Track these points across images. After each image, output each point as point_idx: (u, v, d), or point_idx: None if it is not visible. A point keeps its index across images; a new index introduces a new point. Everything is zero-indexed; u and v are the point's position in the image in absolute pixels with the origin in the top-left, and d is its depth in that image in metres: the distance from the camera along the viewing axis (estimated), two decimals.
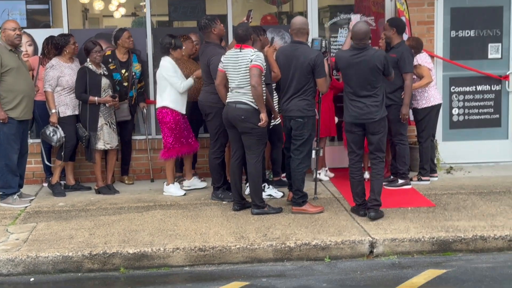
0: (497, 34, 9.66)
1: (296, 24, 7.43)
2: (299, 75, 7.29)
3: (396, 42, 8.37)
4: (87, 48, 8.41)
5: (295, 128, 7.38)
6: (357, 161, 7.29)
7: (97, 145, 8.42)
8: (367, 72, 7.02)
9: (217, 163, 8.08)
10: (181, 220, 7.37)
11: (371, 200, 7.18)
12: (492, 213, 7.33)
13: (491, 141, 9.79)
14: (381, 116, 7.09)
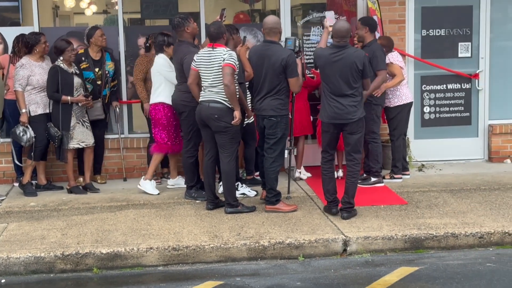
0: (467, 33, 9.77)
1: (268, 23, 7.43)
2: (271, 74, 7.30)
3: (368, 40, 8.42)
4: (60, 47, 8.30)
5: (268, 127, 7.39)
6: (329, 160, 7.29)
7: (70, 144, 8.33)
8: (347, 71, 6.96)
9: (190, 162, 8.06)
10: (154, 219, 7.34)
11: (344, 202, 7.18)
12: (463, 211, 7.41)
13: (462, 139, 9.91)
14: (359, 117, 7.05)
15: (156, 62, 8.33)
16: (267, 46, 7.40)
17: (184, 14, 8.22)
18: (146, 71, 8.79)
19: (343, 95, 7.01)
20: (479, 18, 9.75)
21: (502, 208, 7.48)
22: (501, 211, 7.37)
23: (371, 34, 8.43)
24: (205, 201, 7.78)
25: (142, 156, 9.30)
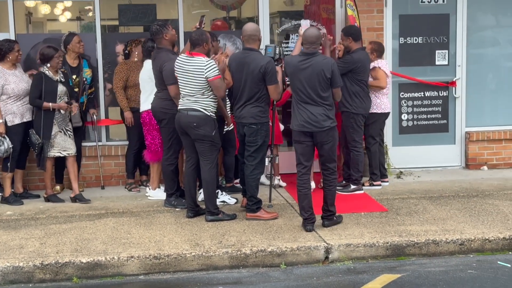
0: (444, 41, 9.85)
1: (247, 30, 7.41)
2: (250, 82, 7.26)
3: (354, 49, 8.42)
4: (48, 54, 8.13)
5: (248, 135, 7.36)
6: (304, 173, 7.03)
7: (50, 152, 8.20)
8: (314, 79, 6.83)
9: (170, 169, 8.00)
10: (134, 228, 7.27)
11: (324, 210, 7.10)
12: (443, 217, 7.45)
13: (439, 146, 9.98)
14: (329, 126, 6.88)
15: (145, 68, 8.28)
16: (246, 54, 7.36)
17: (162, 21, 8.17)
18: (126, 78, 8.72)
19: (312, 103, 6.88)
20: (455, 26, 9.85)
21: (481, 214, 7.53)
22: (480, 217, 7.42)
23: (356, 43, 8.44)
24: (185, 209, 7.73)
25: (120, 164, 9.21)
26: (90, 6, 9.83)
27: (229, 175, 8.66)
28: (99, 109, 9.22)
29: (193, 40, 7.33)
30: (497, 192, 8.54)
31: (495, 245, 6.76)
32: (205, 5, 10.53)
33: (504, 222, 7.21)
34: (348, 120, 8.44)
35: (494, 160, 9.99)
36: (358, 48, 8.42)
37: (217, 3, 10.61)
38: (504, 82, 10.13)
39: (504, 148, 10.00)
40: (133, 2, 9.80)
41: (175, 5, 9.49)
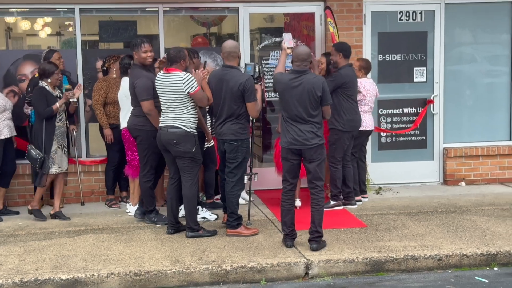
0: (422, 58, 9.98)
1: (226, 48, 7.42)
2: (230, 99, 7.29)
3: (341, 65, 8.44)
4: (49, 70, 8.04)
5: (229, 151, 7.39)
6: (290, 190, 7.05)
7: (52, 169, 8.11)
8: (305, 98, 6.84)
9: (148, 186, 7.97)
10: (114, 244, 7.26)
11: (312, 231, 6.97)
12: (422, 233, 7.52)
13: (418, 162, 10.07)
14: (317, 143, 6.89)
15: (122, 86, 8.28)
16: (226, 71, 7.39)
17: (141, 39, 8.07)
18: (105, 95, 8.73)
19: (302, 121, 6.89)
20: (433, 44, 9.98)
21: (459, 230, 7.61)
22: (458, 233, 7.49)
23: (345, 60, 8.46)
24: (165, 225, 7.73)
25: (100, 180, 9.19)
26: (70, 22, 9.84)
27: (209, 191, 8.67)
28: (79, 125, 9.21)
29: (171, 57, 7.37)
30: (474, 208, 8.64)
31: (473, 261, 6.84)
32: (186, 21, 10.59)
33: (482, 238, 7.29)
34: (333, 136, 8.48)
35: (471, 176, 10.11)
36: (345, 65, 8.45)
37: (197, 20, 10.68)
38: (481, 98, 10.27)
39: (482, 164, 10.12)
40: (113, 18, 9.82)
41: (155, 21, 9.54)
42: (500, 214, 8.29)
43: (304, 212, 7.19)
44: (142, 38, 8.00)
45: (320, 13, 9.70)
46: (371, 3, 9.79)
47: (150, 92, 7.64)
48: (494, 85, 10.33)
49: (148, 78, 7.70)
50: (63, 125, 8.26)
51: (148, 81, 7.67)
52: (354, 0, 9.65)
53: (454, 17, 10.03)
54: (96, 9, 9.41)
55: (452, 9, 9.99)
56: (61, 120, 8.22)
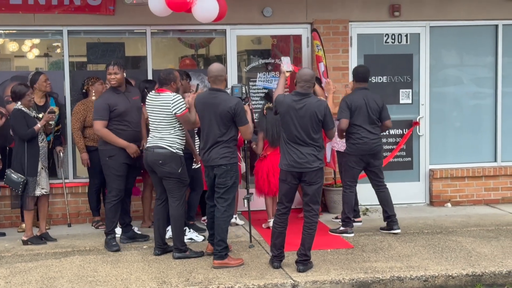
0: (407, 80, 10.08)
1: (213, 71, 7.18)
2: (219, 123, 7.05)
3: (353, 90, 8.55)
4: (20, 91, 8.02)
5: (218, 176, 7.12)
6: (284, 213, 6.99)
7: (36, 191, 8.05)
8: (307, 121, 6.79)
9: (108, 208, 7.92)
10: (101, 266, 7.24)
11: (300, 254, 6.97)
12: (408, 254, 7.55)
13: (404, 183, 10.13)
14: (318, 167, 6.85)
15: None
16: (214, 94, 7.13)
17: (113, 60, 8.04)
18: (83, 119, 8.75)
19: (302, 144, 6.84)
20: (419, 66, 10.10)
21: (445, 251, 7.65)
22: (444, 254, 7.53)
23: (356, 83, 8.49)
24: (152, 247, 7.71)
25: (86, 202, 9.16)
26: (58, 43, 9.87)
27: (191, 213, 8.51)
28: (66, 147, 9.22)
29: (161, 80, 7.42)
30: (460, 229, 8.69)
31: (458, 281, 6.87)
32: (173, 43, 10.66)
33: (467, 259, 7.33)
34: (342, 159, 8.63)
35: (457, 197, 10.18)
36: (355, 89, 8.48)
37: (185, 42, 10.74)
38: (467, 120, 10.38)
39: (467, 186, 10.20)
40: (101, 40, 9.87)
41: (143, 43, 9.60)
42: (485, 235, 8.35)
43: (290, 233, 7.18)
44: (115, 60, 8.03)
45: (307, 35, 9.80)
46: (357, 26, 9.90)
47: (102, 113, 7.73)
48: (479, 107, 10.45)
49: (104, 99, 7.81)
50: (45, 145, 8.23)
51: (103, 102, 7.78)
52: (341, 23, 9.76)
53: (439, 39, 10.16)
54: (84, 31, 9.46)
55: (437, 32, 10.13)
56: (43, 140, 8.19)
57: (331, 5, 9.74)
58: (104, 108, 7.71)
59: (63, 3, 9.09)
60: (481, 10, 10.10)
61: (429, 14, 10.02)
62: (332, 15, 9.74)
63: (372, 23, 9.95)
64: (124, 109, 7.80)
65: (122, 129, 7.80)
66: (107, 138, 7.76)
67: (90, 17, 9.22)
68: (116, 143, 7.75)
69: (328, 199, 9.69)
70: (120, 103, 7.79)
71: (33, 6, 9.03)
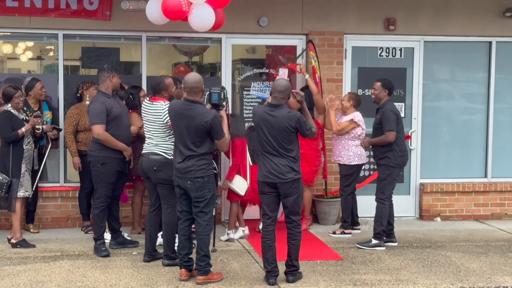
0: (401, 94, 10.12)
1: (189, 82, 6.80)
2: (194, 136, 6.73)
3: (382, 102, 8.49)
4: (8, 93, 8.05)
5: (195, 189, 6.80)
6: (269, 224, 6.87)
7: (19, 192, 8.03)
8: (278, 131, 6.72)
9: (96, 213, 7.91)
10: (90, 271, 7.22)
11: (288, 265, 6.92)
12: (397, 267, 7.57)
13: (394, 197, 9.94)
14: (293, 178, 6.75)
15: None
16: (190, 106, 6.76)
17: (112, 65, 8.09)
18: (76, 123, 8.74)
19: (276, 154, 6.76)
20: (412, 80, 10.15)
21: (434, 265, 7.67)
22: (433, 268, 7.56)
23: (388, 97, 8.49)
24: (141, 253, 7.70)
25: (77, 206, 9.13)
26: (51, 46, 9.87)
27: None
28: (59, 150, 9.21)
29: (153, 88, 7.45)
30: (449, 243, 8.72)
31: None
32: (167, 49, 10.67)
33: (456, 274, 7.35)
34: (384, 172, 8.44)
35: (447, 211, 10.22)
36: (386, 101, 8.47)
37: (180, 49, 10.76)
38: (458, 135, 10.43)
39: (457, 200, 10.25)
40: (96, 45, 9.88)
41: (137, 48, 9.61)
42: (474, 251, 8.38)
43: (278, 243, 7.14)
44: (112, 65, 8.04)
45: (302, 46, 9.84)
46: (352, 38, 9.96)
47: (101, 116, 7.70)
48: (470, 123, 10.52)
49: (101, 103, 7.77)
50: (31, 148, 8.21)
51: (101, 105, 7.75)
52: (336, 35, 9.81)
53: (433, 54, 10.23)
54: (80, 35, 9.47)
55: (431, 47, 10.20)
56: (29, 143, 8.17)
57: (327, 17, 9.79)
58: (103, 112, 7.70)
59: (60, 7, 9.10)
60: (475, 26, 10.18)
61: (424, 29, 10.09)
62: (327, 27, 9.79)
63: (367, 36, 10.01)
64: (119, 112, 7.82)
65: (117, 134, 7.78)
66: (108, 142, 7.72)
67: (86, 21, 9.23)
68: (116, 146, 7.74)
69: (319, 210, 9.70)
70: (115, 107, 7.80)
71: (30, 9, 9.04)
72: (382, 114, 8.40)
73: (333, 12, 9.84)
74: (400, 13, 10.00)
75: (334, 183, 9.78)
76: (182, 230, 6.97)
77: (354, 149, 8.92)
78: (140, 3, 8.87)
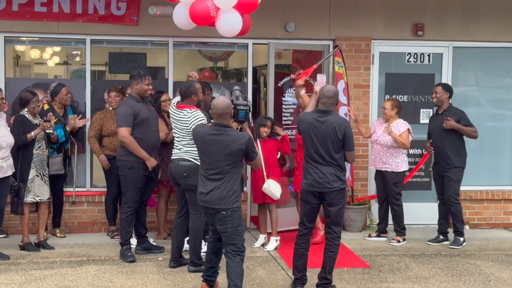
0: (428, 100, 9.99)
1: (218, 108, 6.30)
2: (227, 161, 6.23)
3: (446, 105, 8.93)
4: (25, 98, 8.11)
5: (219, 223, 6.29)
6: (305, 234, 6.74)
7: (27, 197, 8.05)
8: (327, 139, 6.57)
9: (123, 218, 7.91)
10: (116, 276, 7.21)
11: (321, 277, 6.75)
12: (425, 276, 7.47)
13: (422, 204, 10.05)
14: (339, 187, 6.59)
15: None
16: (220, 131, 6.27)
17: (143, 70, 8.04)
18: (99, 128, 8.76)
19: (323, 163, 6.59)
20: None
21: (463, 274, 7.56)
22: (462, 277, 7.45)
23: (449, 100, 8.90)
24: (167, 259, 7.67)
25: (103, 211, 9.14)
26: (78, 51, 9.90)
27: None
28: (85, 155, 9.23)
29: (182, 92, 7.43)
30: (478, 252, 8.59)
31: None
32: (193, 55, 10.68)
33: (486, 283, 7.24)
34: (458, 174, 8.83)
35: (476, 219, 10.08)
36: (450, 105, 8.95)
37: (205, 54, 10.76)
38: (486, 142, 10.27)
39: (486, 208, 10.10)
40: (123, 50, 9.90)
41: (163, 53, 9.61)
42: (504, 260, 8.25)
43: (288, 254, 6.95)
44: (144, 70, 8.05)
45: (329, 52, 9.76)
46: (379, 44, 9.88)
47: (127, 119, 7.71)
48: (498, 129, 10.38)
49: (129, 106, 7.79)
50: (42, 153, 8.21)
51: (128, 108, 7.77)
52: (363, 40, 9.74)
53: (461, 60, 10.12)
54: (107, 41, 9.50)
55: (460, 52, 10.09)
56: (40, 148, 8.17)
57: (354, 22, 9.73)
58: (130, 114, 7.71)
59: (88, 12, 9.13)
60: (504, 32, 10.05)
61: (453, 34, 9.98)
62: (355, 33, 9.72)
63: (394, 42, 9.92)
64: (147, 116, 7.82)
65: (144, 138, 7.77)
66: (131, 146, 7.72)
67: (113, 27, 9.25)
68: (138, 153, 7.73)
69: (345, 217, 9.55)
70: (143, 110, 7.81)
71: (58, 14, 9.07)
72: (460, 115, 8.85)
73: (361, 18, 9.77)
74: (428, 18, 9.90)
75: (361, 190, 9.71)
76: (211, 243, 6.62)
77: (402, 156, 8.93)
78: (167, 9, 8.86)
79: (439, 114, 8.99)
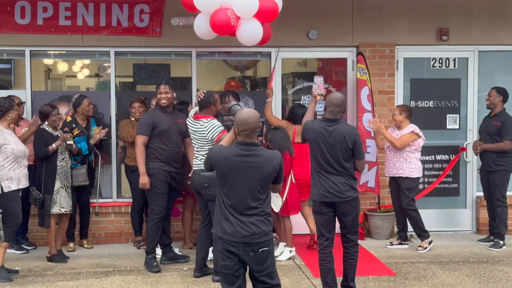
0: (455, 105, 9.91)
1: (250, 123, 5.30)
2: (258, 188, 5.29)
3: (499, 109, 9.00)
4: (45, 111, 8.20)
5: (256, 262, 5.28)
6: (327, 246, 6.52)
7: (53, 209, 8.12)
8: (336, 147, 6.41)
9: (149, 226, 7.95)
10: (141, 286, 7.25)
11: (344, 285, 6.66)
12: (452, 283, 7.36)
13: (450, 210, 9.93)
14: (352, 196, 6.46)
15: None
16: (251, 152, 5.30)
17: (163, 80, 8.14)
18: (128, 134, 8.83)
19: (334, 172, 6.45)
20: (467, 91, 9.93)
21: (491, 281, 7.44)
22: (490, 284, 7.33)
23: (502, 104, 8.96)
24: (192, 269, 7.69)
25: (129, 221, 9.20)
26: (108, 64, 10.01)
27: None
28: (111, 166, 9.30)
29: (201, 103, 7.46)
30: (507, 258, 8.45)
31: None
32: (218, 64, 10.71)
33: None
34: (503, 177, 8.96)
35: None
36: (503, 110, 9.03)
37: (230, 63, 10.79)
38: None
39: None
40: (147, 61, 9.98)
41: (187, 64, 9.67)
42: None
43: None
44: (166, 79, 8.12)
45: (352, 58, 9.73)
46: (403, 49, 9.81)
47: (145, 128, 7.81)
48: None
49: (150, 115, 7.91)
50: (66, 164, 8.27)
51: (149, 117, 7.88)
52: (387, 46, 9.68)
53: (488, 64, 10.00)
54: (131, 52, 9.59)
55: (486, 57, 9.97)
56: (64, 159, 8.23)
57: (377, 28, 9.67)
58: (149, 123, 7.80)
59: (111, 25, 9.23)
60: None
61: (478, 38, 9.86)
62: (378, 39, 9.67)
63: (419, 47, 9.84)
64: (166, 127, 7.85)
65: (162, 148, 7.84)
66: (136, 155, 7.86)
67: (137, 38, 9.34)
68: (139, 164, 7.83)
69: (372, 224, 9.54)
70: (164, 121, 7.85)
71: (82, 28, 9.19)
72: (504, 122, 8.86)
73: (384, 23, 9.71)
74: (452, 22, 9.81)
75: (387, 197, 9.62)
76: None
77: (415, 162, 8.80)
78: (190, 19, 8.90)
79: (490, 117, 9.07)
